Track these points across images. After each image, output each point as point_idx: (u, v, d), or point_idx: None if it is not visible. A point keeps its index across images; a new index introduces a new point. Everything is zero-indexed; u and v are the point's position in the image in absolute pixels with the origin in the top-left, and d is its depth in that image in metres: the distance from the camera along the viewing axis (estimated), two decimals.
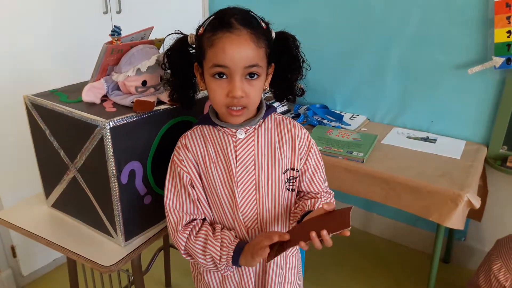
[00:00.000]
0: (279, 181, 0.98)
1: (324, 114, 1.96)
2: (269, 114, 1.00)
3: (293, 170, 1.00)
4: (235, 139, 0.96)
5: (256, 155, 0.97)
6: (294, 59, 0.96)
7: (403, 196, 1.50)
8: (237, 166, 0.96)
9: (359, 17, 1.90)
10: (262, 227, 1.00)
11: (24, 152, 1.63)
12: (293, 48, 0.95)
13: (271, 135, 0.99)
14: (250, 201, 0.97)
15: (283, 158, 0.99)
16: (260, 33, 0.86)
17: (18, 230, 1.18)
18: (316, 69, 2.04)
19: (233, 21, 0.84)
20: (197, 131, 1.00)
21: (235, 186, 0.96)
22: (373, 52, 1.92)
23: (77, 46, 1.82)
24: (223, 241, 0.95)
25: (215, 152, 0.97)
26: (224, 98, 0.88)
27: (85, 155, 1.04)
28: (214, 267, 0.96)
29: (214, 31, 0.85)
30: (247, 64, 0.85)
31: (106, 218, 1.09)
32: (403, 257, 2.09)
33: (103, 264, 1.04)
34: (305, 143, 1.01)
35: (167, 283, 1.92)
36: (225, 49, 0.83)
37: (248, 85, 0.87)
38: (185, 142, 0.98)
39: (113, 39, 1.04)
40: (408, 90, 1.89)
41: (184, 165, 0.96)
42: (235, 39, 0.83)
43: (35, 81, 1.66)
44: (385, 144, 1.74)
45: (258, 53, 0.86)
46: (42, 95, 1.14)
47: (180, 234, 0.97)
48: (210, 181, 0.97)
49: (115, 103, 1.08)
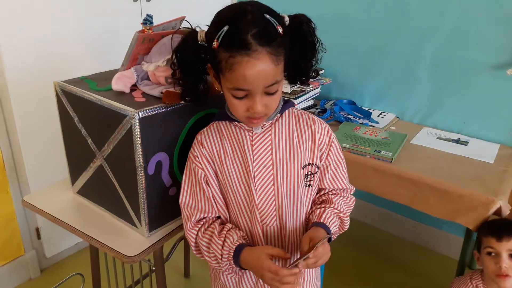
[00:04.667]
0: (298, 176, 0.96)
1: (351, 110, 1.92)
2: (287, 109, 0.98)
3: (312, 165, 0.98)
4: (252, 134, 0.95)
5: (273, 150, 0.95)
6: (308, 45, 0.92)
7: (431, 199, 1.45)
8: (254, 161, 0.94)
9: (393, 11, 1.85)
10: (281, 224, 0.98)
11: (52, 138, 1.66)
12: (308, 34, 0.91)
13: (289, 130, 0.97)
14: (268, 197, 0.95)
15: (302, 152, 0.96)
16: (278, 44, 0.82)
17: (44, 214, 1.19)
18: (344, 63, 2.05)
19: (251, 41, 0.79)
20: (214, 127, 0.99)
21: (252, 181, 0.94)
22: (406, 48, 1.86)
23: (106, 34, 1.82)
24: (226, 240, 0.93)
25: (232, 147, 0.96)
26: (244, 112, 0.88)
27: (113, 144, 1.04)
28: (218, 266, 0.95)
29: (231, 52, 0.80)
30: (267, 84, 0.84)
31: (131, 208, 1.09)
32: (425, 261, 2.04)
33: (126, 254, 1.04)
34: (325, 138, 0.98)
35: (186, 273, 1.92)
36: (246, 76, 0.81)
37: (268, 98, 0.87)
38: (201, 139, 0.98)
39: (144, 28, 1.02)
40: (441, 89, 1.83)
41: (199, 162, 0.96)
42: (255, 64, 0.80)
43: (65, 68, 1.67)
44: (414, 144, 1.69)
45: (277, 69, 0.83)
46: (72, 81, 1.14)
47: (189, 230, 0.97)
48: (226, 177, 0.96)
49: (144, 92, 1.07)
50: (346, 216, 1.02)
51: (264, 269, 0.85)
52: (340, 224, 1.02)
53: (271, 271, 0.85)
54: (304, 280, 1.07)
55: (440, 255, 2.07)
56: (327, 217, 0.97)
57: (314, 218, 0.98)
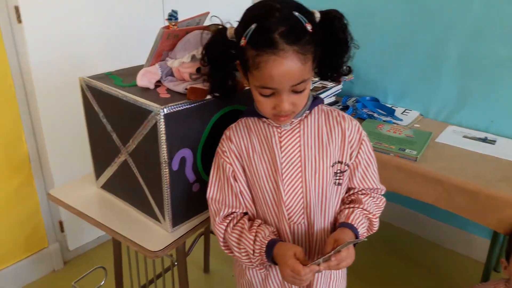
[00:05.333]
0: (327, 174, 0.95)
1: (374, 107, 1.89)
2: (316, 106, 0.97)
3: (341, 163, 0.96)
4: (280, 130, 0.94)
5: (302, 147, 0.94)
6: (340, 42, 0.90)
7: (457, 199, 1.41)
8: (282, 157, 0.93)
9: (415, 6, 1.81)
10: (309, 222, 0.97)
11: (76, 134, 1.68)
12: (340, 30, 0.89)
13: (318, 127, 0.96)
14: (296, 194, 0.94)
15: (331, 150, 0.95)
16: (306, 42, 0.81)
17: (69, 208, 1.21)
18: (367, 60, 2.01)
19: (278, 39, 0.78)
20: (242, 123, 0.99)
21: (280, 178, 0.93)
22: (430, 43, 1.82)
23: (128, 30, 1.83)
24: (257, 235, 0.92)
25: (260, 143, 0.96)
26: (271, 109, 0.88)
27: (138, 139, 1.04)
28: (249, 262, 0.95)
29: (258, 51, 0.80)
30: (294, 83, 0.83)
31: (155, 203, 1.09)
32: (449, 262, 2.01)
33: (150, 249, 1.04)
34: (356, 135, 0.97)
35: (205, 268, 1.93)
36: (272, 75, 0.81)
37: (295, 96, 0.86)
38: (229, 134, 0.98)
39: (169, 24, 1.02)
40: (466, 85, 1.78)
41: (227, 157, 0.96)
42: (282, 62, 0.79)
43: (89, 65, 1.69)
44: (439, 143, 1.65)
45: (304, 68, 0.82)
46: (97, 77, 1.14)
47: (218, 225, 0.97)
48: (253, 173, 0.96)
49: (168, 89, 1.07)
50: (375, 217, 0.99)
51: (288, 266, 0.85)
52: (368, 225, 1.00)
53: (293, 270, 0.84)
54: (330, 280, 1.06)
55: (464, 256, 2.02)
56: (355, 218, 0.95)
57: (342, 219, 0.96)
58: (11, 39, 1.55)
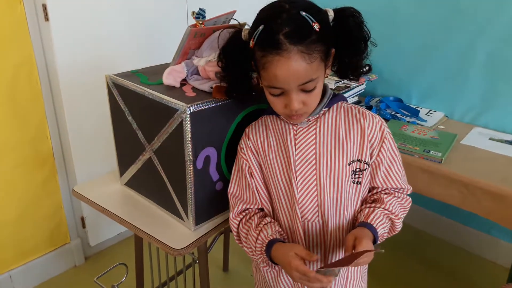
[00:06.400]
0: (343, 172, 0.93)
1: (398, 108, 1.86)
2: (335, 103, 0.96)
3: (360, 161, 0.95)
4: (296, 128, 0.95)
5: (317, 144, 0.93)
6: (356, 41, 0.89)
7: (483, 202, 1.38)
8: (296, 155, 0.94)
9: (444, 6, 1.77)
10: (324, 221, 0.96)
11: (99, 131, 1.70)
12: (355, 28, 0.88)
13: (336, 124, 0.95)
14: (310, 192, 0.94)
15: (349, 148, 0.93)
16: (312, 42, 0.80)
17: (93, 205, 1.22)
18: (391, 59, 1.98)
19: (282, 40, 0.79)
20: (262, 121, 1.01)
21: (293, 175, 0.93)
22: (457, 44, 1.78)
23: (152, 28, 1.84)
24: (260, 234, 0.93)
25: (276, 140, 0.97)
26: (283, 109, 0.89)
27: (163, 137, 1.04)
28: (254, 258, 0.96)
29: (263, 51, 0.82)
30: (300, 83, 0.83)
31: (179, 201, 1.10)
32: (473, 266, 1.96)
33: (173, 247, 1.05)
34: (377, 133, 0.95)
35: (224, 267, 1.94)
36: (277, 75, 0.82)
37: (305, 95, 0.86)
38: (248, 132, 1.01)
39: (197, 22, 1.02)
40: (494, 87, 1.74)
41: (244, 153, 0.99)
42: (285, 62, 0.80)
43: (114, 63, 1.70)
44: (464, 145, 1.62)
45: (311, 68, 0.82)
46: (123, 75, 1.15)
47: (232, 219, 1.00)
48: (269, 170, 0.97)
49: (194, 87, 1.07)
50: (398, 218, 0.97)
51: (292, 268, 0.85)
52: (390, 226, 0.97)
53: (298, 271, 0.84)
54: (347, 280, 1.05)
55: (488, 261, 1.98)
56: (375, 218, 0.93)
57: (361, 218, 0.95)
58: (38, 37, 1.57)
